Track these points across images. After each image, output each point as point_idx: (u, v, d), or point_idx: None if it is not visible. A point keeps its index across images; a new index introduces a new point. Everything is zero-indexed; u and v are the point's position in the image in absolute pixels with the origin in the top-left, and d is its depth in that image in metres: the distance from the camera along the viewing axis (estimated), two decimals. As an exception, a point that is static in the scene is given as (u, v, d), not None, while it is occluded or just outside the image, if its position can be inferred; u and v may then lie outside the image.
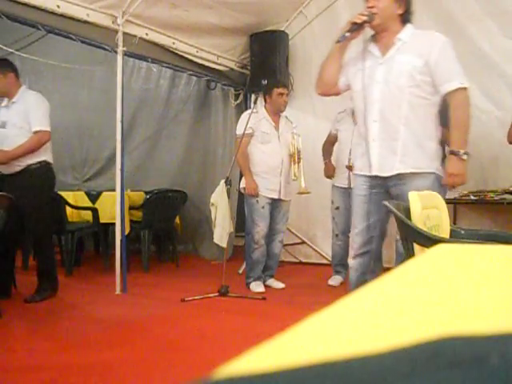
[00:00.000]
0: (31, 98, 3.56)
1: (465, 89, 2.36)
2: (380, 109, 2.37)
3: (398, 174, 2.39)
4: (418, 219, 2.01)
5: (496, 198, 4.03)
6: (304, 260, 5.22)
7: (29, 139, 3.46)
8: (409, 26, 2.42)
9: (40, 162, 3.55)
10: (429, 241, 1.83)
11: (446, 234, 2.26)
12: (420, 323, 0.36)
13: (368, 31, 2.46)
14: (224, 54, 5.05)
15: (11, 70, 3.55)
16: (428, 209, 2.16)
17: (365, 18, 2.33)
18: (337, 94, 2.62)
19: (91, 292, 3.94)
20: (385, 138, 2.39)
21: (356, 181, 2.56)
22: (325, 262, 4.96)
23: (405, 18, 2.41)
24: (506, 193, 4.01)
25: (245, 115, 4.04)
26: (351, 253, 2.57)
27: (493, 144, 4.20)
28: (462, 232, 2.43)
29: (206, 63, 4.87)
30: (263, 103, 4.09)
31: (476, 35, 4.30)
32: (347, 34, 2.37)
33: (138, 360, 2.41)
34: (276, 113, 4.04)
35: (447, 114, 3.67)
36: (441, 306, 0.42)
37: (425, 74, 2.34)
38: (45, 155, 3.58)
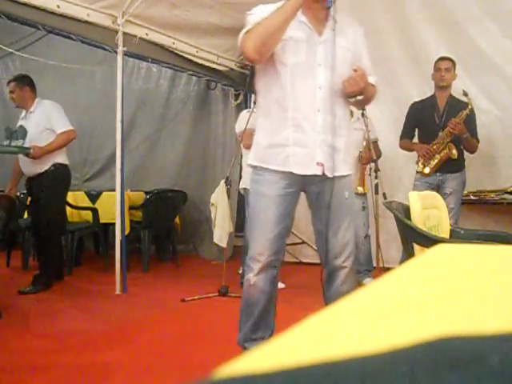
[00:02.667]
0: (46, 105, 3.97)
1: (375, 87, 2.15)
2: (324, 97, 2.01)
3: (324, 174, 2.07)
4: (418, 219, 2.01)
5: (496, 198, 4.03)
6: (304, 260, 5.21)
7: (57, 138, 3.88)
8: None
9: (54, 165, 3.90)
10: (429, 241, 1.83)
11: (445, 234, 2.27)
12: (420, 323, 0.36)
13: None
14: (224, 54, 5.05)
15: (27, 84, 3.97)
16: (428, 209, 2.16)
17: None
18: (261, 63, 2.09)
19: (91, 292, 3.94)
20: (328, 132, 2.03)
21: (264, 177, 2.08)
22: (325, 262, 4.96)
23: None
24: (506, 193, 4.01)
25: (244, 113, 4.04)
26: (254, 267, 2.08)
27: (493, 144, 4.20)
28: (462, 232, 2.44)
29: (206, 63, 4.87)
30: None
31: (476, 35, 4.31)
32: None
33: (138, 360, 2.41)
34: None
35: (474, 125, 3.70)
36: (441, 306, 0.42)
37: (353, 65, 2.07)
38: (58, 158, 3.93)
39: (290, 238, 5.05)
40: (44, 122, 3.87)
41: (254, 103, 4.41)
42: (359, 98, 2.08)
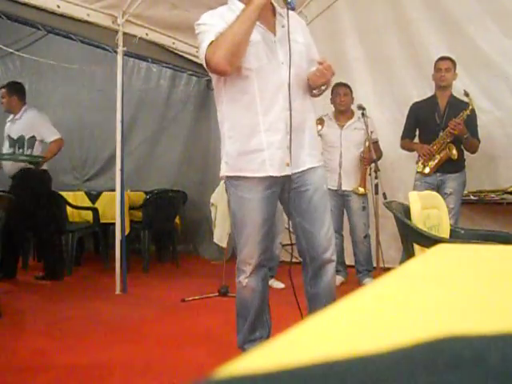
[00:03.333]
0: (31, 114, 4.27)
1: None
2: (291, 94, 2.00)
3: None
4: (418, 219, 2.01)
5: (496, 198, 4.03)
6: (304, 260, 5.20)
7: (51, 147, 4.23)
8: None
9: (23, 169, 4.12)
10: (429, 241, 1.83)
11: (445, 234, 2.27)
12: (420, 323, 0.36)
13: None
14: (224, 54, 5.05)
15: (15, 92, 4.30)
16: (428, 209, 2.16)
17: None
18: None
19: (91, 292, 3.94)
20: (295, 129, 2.02)
21: (242, 183, 2.07)
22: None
23: None
24: (506, 193, 4.01)
25: None
26: (246, 269, 2.10)
27: (493, 144, 4.20)
28: (462, 232, 2.44)
29: (206, 63, 4.87)
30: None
31: (476, 35, 4.30)
32: None
33: (137, 360, 2.41)
34: None
35: (475, 125, 3.70)
36: (441, 306, 0.42)
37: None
38: None
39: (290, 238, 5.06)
40: (26, 129, 4.10)
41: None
42: (323, 88, 2.12)
